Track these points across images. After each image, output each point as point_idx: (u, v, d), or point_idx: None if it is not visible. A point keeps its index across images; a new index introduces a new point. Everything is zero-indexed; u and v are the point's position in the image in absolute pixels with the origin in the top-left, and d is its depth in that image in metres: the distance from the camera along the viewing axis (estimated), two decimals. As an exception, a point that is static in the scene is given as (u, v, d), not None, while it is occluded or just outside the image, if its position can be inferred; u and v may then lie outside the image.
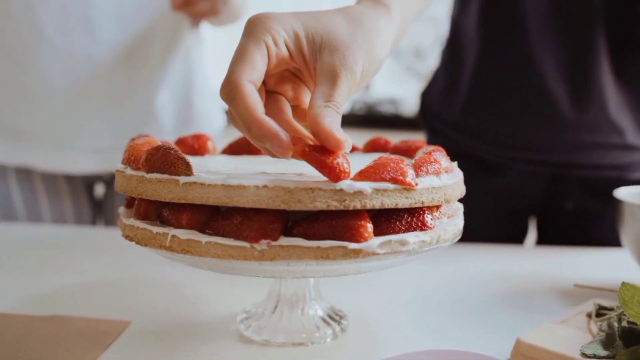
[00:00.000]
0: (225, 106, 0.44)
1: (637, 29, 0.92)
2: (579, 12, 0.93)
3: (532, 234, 1.12)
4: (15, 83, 1.00)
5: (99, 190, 1.16)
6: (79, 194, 1.10)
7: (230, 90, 0.42)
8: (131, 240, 0.49)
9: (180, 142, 0.64)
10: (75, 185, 1.10)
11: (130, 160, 0.50)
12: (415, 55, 2.69)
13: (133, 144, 0.52)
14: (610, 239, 0.94)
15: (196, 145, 0.64)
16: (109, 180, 1.13)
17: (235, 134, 0.78)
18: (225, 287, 0.69)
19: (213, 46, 1.42)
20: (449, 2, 1.10)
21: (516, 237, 1.08)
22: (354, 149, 0.69)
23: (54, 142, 1.02)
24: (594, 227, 1.02)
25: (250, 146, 0.66)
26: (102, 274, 0.73)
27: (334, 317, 0.58)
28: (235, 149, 0.67)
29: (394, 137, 0.68)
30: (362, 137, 2.32)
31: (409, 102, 2.52)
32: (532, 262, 0.83)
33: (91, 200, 1.15)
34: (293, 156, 0.44)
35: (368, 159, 0.60)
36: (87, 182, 1.12)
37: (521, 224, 1.09)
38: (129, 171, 0.49)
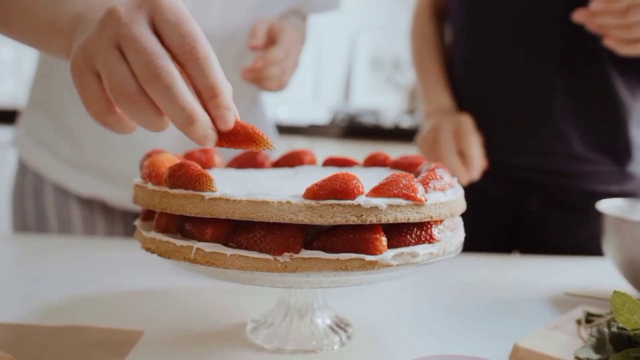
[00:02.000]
0: None
1: (589, 45, 0.98)
2: (535, 31, 1.03)
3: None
4: (94, 125, 0.96)
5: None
6: (112, 218, 1.08)
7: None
8: (153, 252, 0.51)
9: (189, 155, 0.66)
10: (111, 212, 1.07)
11: (152, 175, 0.53)
12: (395, 66, 2.74)
13: (153, 159, 0.54)
14: (569, 246, 1.06)
15: (204, 159, 0.67)
16: None
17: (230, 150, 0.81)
18: (232, 297, 0.71)
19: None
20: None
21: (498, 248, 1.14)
22: (353, 164, 0.72)
23: (127, 181, 0.97)
24: (557, 234, 1.10)
25: (255, 160, 0.69)
26: (114, 285, 0.75)
27: (340, 325, 0.61)
28: (241, 162, 0.69)
29: (375, 148, 0.71)
30: (344, 147, 2.35)
31: (390, 113, 2.57)
32: (523, 271, 0.88)
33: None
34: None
35: (369, 174, 0.63)
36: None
37: (500, 235, 1.16)
38: (151, 186, 0.52)
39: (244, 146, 0.46)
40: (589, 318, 0.61)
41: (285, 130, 2.32)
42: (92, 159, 0.99)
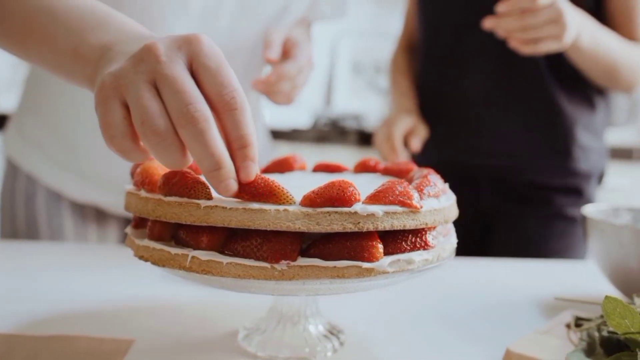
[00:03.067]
0: None
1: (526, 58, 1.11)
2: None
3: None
4: (90, 130, 0.95)
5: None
6: (105, 222, 1.07)
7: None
8: (146, 260, 0.51)
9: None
10: (104, 217, 1.07)
11: (145, 182, 0.52)
12: (376, 71, 2.75)
13: (145, 166, 0.54)
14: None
15: (195, 165, 0.66)
16: None
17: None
18: (224, 305, 0.71)
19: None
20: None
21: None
22: (343, 170, 0.72)
23: (122, 187, 0.98)
24: (511, 227, 1.23)
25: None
26: (104, 293, 0.74)
27: (333, 332, 0.61)
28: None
29: (358, 152, 0.71)
30: (326, 152, 2.35)
31: (372, 117, 2.58)
32: (510, 275, 0.89)
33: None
34: None
35: (361, 180, 0.64)
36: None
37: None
38: (144, 193, 0.51)
39: (263, 200, 0.46)
40: (578, 322, 0.62)
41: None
42: (86, 164, 0.98)
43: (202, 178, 0.49)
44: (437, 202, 0.52)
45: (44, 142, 0.99)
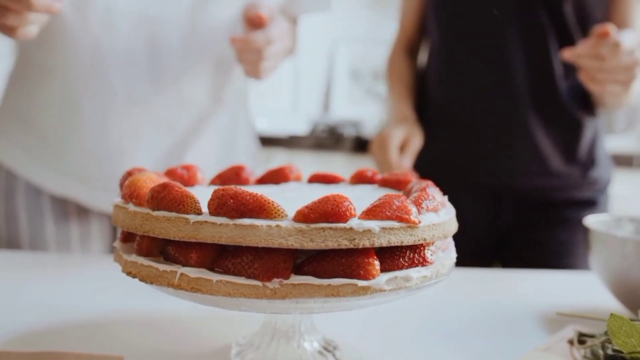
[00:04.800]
0: None
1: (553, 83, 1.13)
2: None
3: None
4: (70, 121, 0.97)
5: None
6: (87, 218, 1.06)
7: None
8: (134, 277, 0.49)
9: (170, 172, 0.64)
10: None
11: (133, 195, 0.50)
12: (374, 77, 2.74)
13: (133, 179, 0.52)
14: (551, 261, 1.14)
15: (186, 176, 0.64)
16: None
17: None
18: (216, 320, 0.69)
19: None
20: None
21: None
22: (340, 180, 0.70)
23: (99, 183, 0.99)
24: (539, 249, 1.18)
25: (239, 176, 0.67)
26: (93, 308, 0.72)
27: (328, 349, 0.59)
28: (224, 179, 0.67)
29: (355, 159, 0.69)
30: (324, 159, 2.33)
31: (370, 124, 2.56)
32: (511, 288, 0.87)
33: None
34: None
35: (357, 192, 0.62)
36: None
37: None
38: (132, 207, 0.49)
39: (254, 215, 0.44)
40: (581, 338, 0.60)
41: (265, 141, 2.28)
42: (65, 159, 0.99)
43: (191, 191, 0.47)
44: (436, 217, 0.50)
45: (23, 138, 1.00)
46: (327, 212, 0.44)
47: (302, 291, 0.44)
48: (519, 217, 1.19)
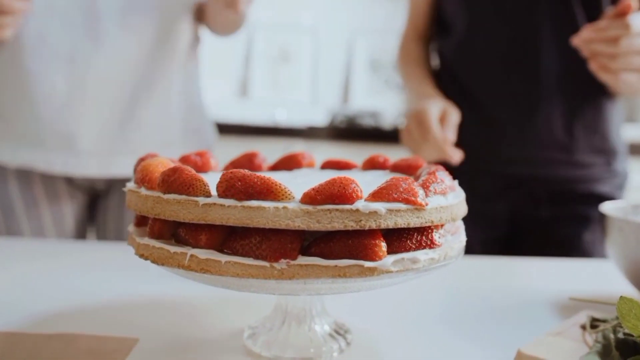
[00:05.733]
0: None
1: (584, 68, 1.01)
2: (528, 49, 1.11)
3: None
4: (20, 88, 1.04)
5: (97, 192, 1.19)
6: (78, 195, 1.14)
7: None
8: (146, 259, 0.50)
9: (184, 159, 0.65)
10: (74, 188, 1.13)
11: (145, 180, 0.51)
12: (393, 68, 2.73)
13: (145, 164, 0.53)
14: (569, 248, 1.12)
15: (200, 162, 0.65)
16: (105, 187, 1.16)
17: (228, 152, 0.80)
18: (229, 303, 0.70)
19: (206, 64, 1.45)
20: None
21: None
22: (352, 167, 0.70)
23: (55, 143, 1.06)
24: (556, 235, 1.15)
25: (252, 163, 0.68)
26: (107, 292, 0.73)
27: (339, 332, 0.60)
28: (237, 165, 0.68)
29: (375, 150, 0.70)
30: (343, 149, 2.34)
31: (389, 115, 2.55)
32: (525, 274, 0.86)
33: (90, 202, 1.18)
34: None
35: (368, 177, 0.62)
36: (87, 185, 1.15)
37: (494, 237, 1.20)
38: (144, 191, 0.50)
39: (261, 197, 0.45)
40: (594, 323, 0.60)
41: (284, 132, 2.30)
42: (17, 125, 1.06)
43: (202, 175, 0.48)
44: (444, 200, 0.50)
45: None
46: (334, 194, 0.44)
47: (309, 272, 0.44)
48: (540, 209, 1.16)
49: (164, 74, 1.11)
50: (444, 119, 1.02)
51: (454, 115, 1.03)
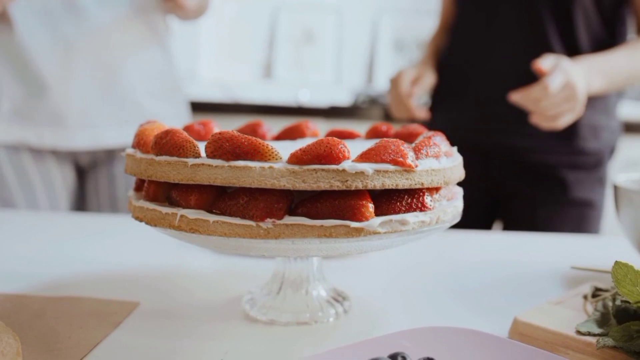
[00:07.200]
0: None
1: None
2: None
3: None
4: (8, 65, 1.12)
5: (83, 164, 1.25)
6: (66, 169, 1.20)
7: None
8: (141, 220, 0.51)
9: (187, 128, 0.66)
10: (61, 161, 1.19)
11: (140, 144, 0.52)
12: (418, 48, 2.70)
13: (143, 128, 0.54)
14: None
15: (202, 131, 0.66)
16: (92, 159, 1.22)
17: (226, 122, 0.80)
18: (230, 270, 0.71)
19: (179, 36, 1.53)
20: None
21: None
22: (355, 136, 0.70)
23: (46, 118, 1.12)
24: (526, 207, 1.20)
25: (255, 132, 0.68)
26: (112, 260, 0.75)
27: (337, 299, 0.60)
28: (241, 135, 0.68)
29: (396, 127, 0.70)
30: (365, 129, 2.31)
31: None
32: (528, 248, 0.86)
33: (77, 172, 1.24)
34: None
35: (368, 145, 0.62)
36: (71, 159, 1.21)
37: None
38: (139, 154, 0.51)
39: (248, 158, 0.45)
40: (596, 293, 0.59)
41: (307, 112, 2.30)
42: (5, 102, 1.12)
43: (192, 138, 0.48)
44: (436, 163, 0.50)
45: None
46: (320, 154, 0.44)
47: (295, 231, 0.44)
48: (509, 181, 1.20)
49: (141, 49, 1.19)
50: (417, 80, 1.15)
51: (428, 78, 1.17)
